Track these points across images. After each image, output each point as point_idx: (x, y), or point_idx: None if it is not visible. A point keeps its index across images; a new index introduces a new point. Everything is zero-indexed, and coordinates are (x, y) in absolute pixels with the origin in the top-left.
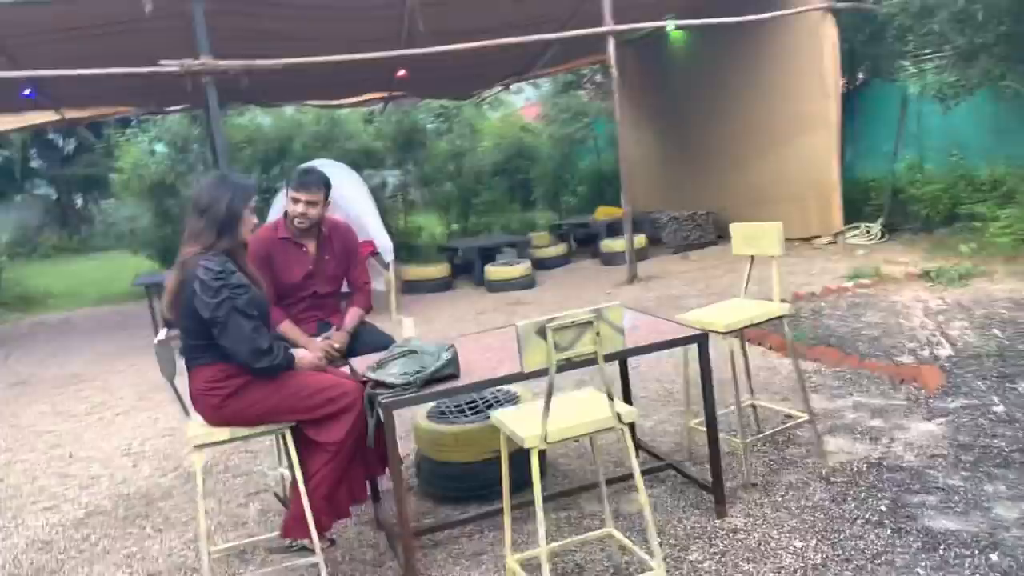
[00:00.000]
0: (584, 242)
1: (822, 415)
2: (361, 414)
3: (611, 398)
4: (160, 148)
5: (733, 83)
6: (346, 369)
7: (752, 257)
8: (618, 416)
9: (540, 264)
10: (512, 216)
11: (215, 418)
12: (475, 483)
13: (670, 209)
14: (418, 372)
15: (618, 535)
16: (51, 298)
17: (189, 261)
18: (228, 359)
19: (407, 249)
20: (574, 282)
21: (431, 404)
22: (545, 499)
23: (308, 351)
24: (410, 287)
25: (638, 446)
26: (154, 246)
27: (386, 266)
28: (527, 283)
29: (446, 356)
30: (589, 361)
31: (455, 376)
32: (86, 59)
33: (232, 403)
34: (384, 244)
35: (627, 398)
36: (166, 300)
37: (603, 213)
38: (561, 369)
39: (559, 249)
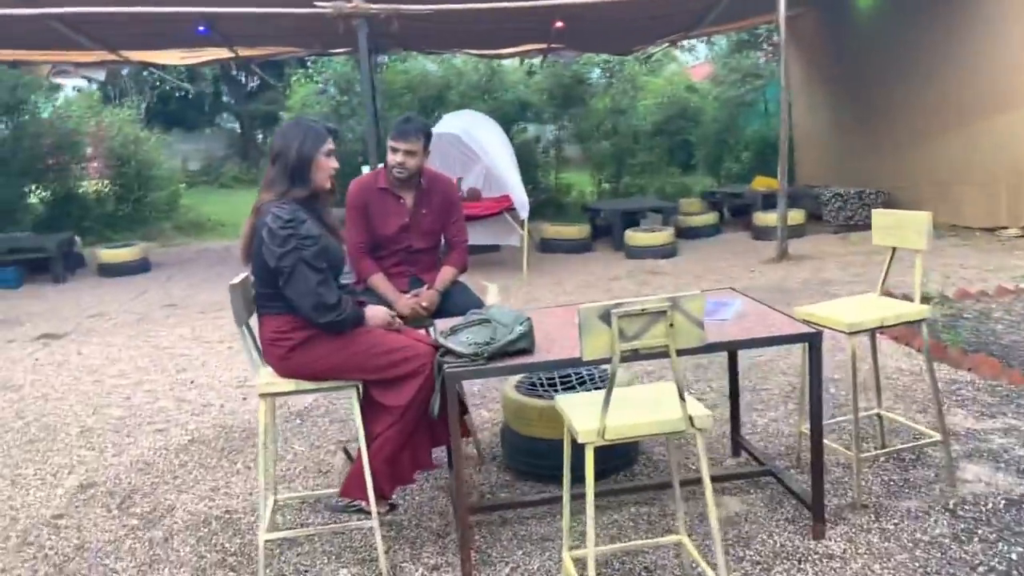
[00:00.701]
0: (738, 213)
1: (964, 436)
2: (430, 379)
3: (683, 398)
4: (331, 89)
5: (923, 50)
6: (425, 331)
7: (894, 249)
8: (690, 419)
9: (687, 233)
10: (668, 180)
11: (281, 368)
12: (558, 462)
13: (841, 184)
14: (488, 344)
15: (688, 544)
16: (221, 226)
17: (263, 208)
18: (295, 310)
19: (555, 206)
20: (718, 255)
21: (522, 374)
22: (628, 491)
23: (395, 304)
24: (548, 246)
25: (740, 446)
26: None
27: (521, 223)
28: (668, 251)
29: (520, 329)
30: (663, 353)
31: (528, 351)
32: None
33: (298, 355)
34: (521, 200)
35: (734, 392)
36: (241, 245)
37: (760, 183)
38: (626, 359)
39: (709, 218)
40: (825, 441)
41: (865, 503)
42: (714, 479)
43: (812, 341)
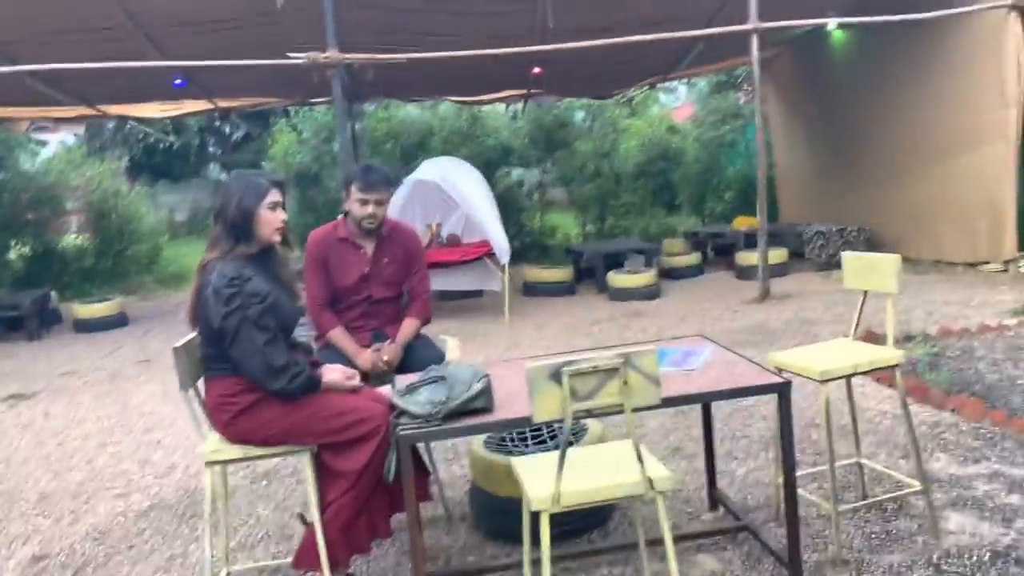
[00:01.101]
0: (722, 252)
1: (947, 482)
2: (385, 442)
3: (641, 460)
4: (308, 138)
5: (898, 88)
6: (385, 389)
7: (866, 292)
8: (650, 482)
9: (670, 274)
10: (652, 220)
11: (229, 434)
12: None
13: (821, 222)
14: (444, 403)
15: None
16: None
17: (208, 266)
18: (242, 373)
19: (539, 249)
20: (701, 295)
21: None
22: (599, 552)
23: (356, 359)
24: (531, 289)
25: (716, 500)
26: (295, 234)
27: (501, 268)
28: (651, 293)
29: (477, 387)
30: (620, 412)
31: (487, 409)
32: (226, 50)
33: (244, 420)
34: (501, 245)
35: (708, 444)
36: (188, 306)
37: (742, 222)
38: (580, 419)
39: (692, 259)
40: (803, 493)
41: (846, 558)
42: (688, 536)
43: (781, 391)
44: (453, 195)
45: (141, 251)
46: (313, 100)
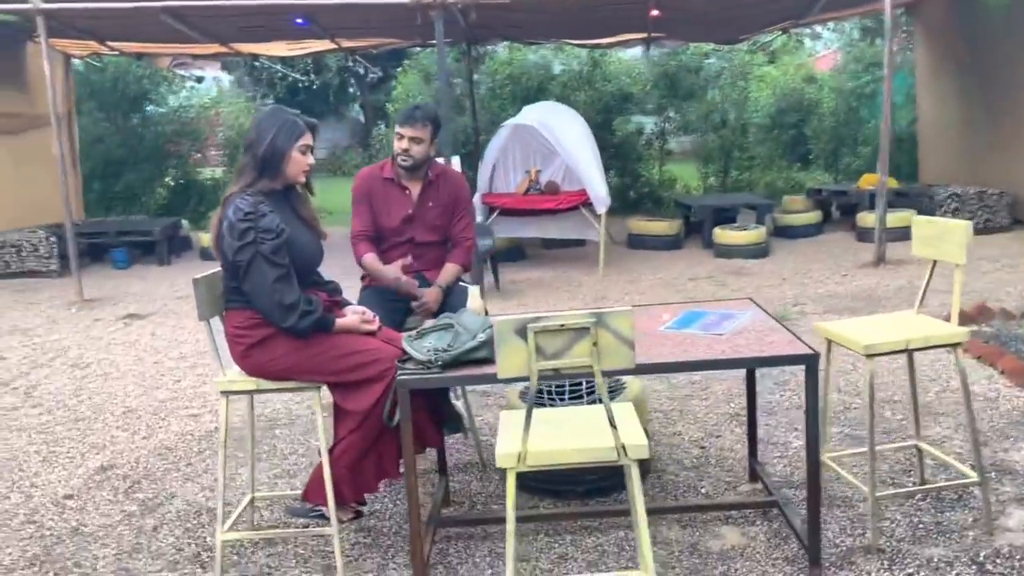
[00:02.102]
0: (848, 212)
1: (1021, 475)
2: (393, 384)
3: (614, 426)
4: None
5: None
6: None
7: (934, 262)
8: (623, 449)
9: (785, 232)
10: (780, 175)
11: (243, 365)
12: (556, 477)
13: (970, 183)
14: (445, 351)
15: None
16: (328, 214)
17: (229, 199)
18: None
19: (653, 201)
20: (812, 256)
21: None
22: (615, 514)
23: (389, 274)
24: (636, 241)
25: (753, 473)
26: None
27: (598, 218)
28: (758, 251)
29: (481, 338)
30: (592, 374)
31: (489, 360)
32: None
33: (256, 354)
34: (599, 194)
35: (751, 413)
36: (211, 237)
37: (869, 181)
38: (548, 379)
39: (810, 217)
40: (844, 474)
41: (882, 547)
42: (716, 507)
43: (809, 363)
44: (551, 141)
45: None
46: (432, 42)
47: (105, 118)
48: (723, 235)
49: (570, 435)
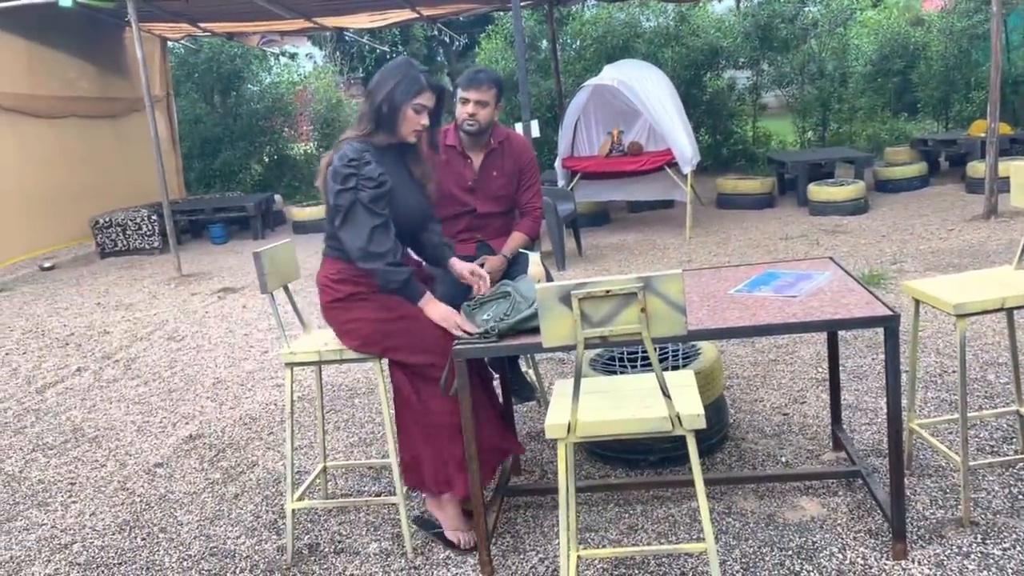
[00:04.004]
0: (957, 162)
1: None
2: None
3: (667, 395)
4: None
5: None
6: None
7: None
8: (678, 419)
9: (887, 186)
10: (884, 126)
11: (325, 316)
12: (631, 446)
13: None
14: (502, 320)
15: (713, 556)
16: None
17: (340, 144)
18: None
19: (747, 158)
20: (916, 211)
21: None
22: (686, 484)
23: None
24: (726, 201)
25: (837, 441)
26: None
27: (684, 177)
28: (856, 207)
29: (536, 307)
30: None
31: None
32: None
33: (337, 311)
34: (684, 154)
35: (833, 378)
36: (319, 181)
37: (979, 128)
38: (594, 347)
39: (914, 169)
40: (934, 442)
41: (975, 519)
42: (796, 476)
43: (888, 326)
44: (633, 100)
45: None
46: (511, 5)
47: (202, 98)
48: (818, 192)
49: (624, 405)
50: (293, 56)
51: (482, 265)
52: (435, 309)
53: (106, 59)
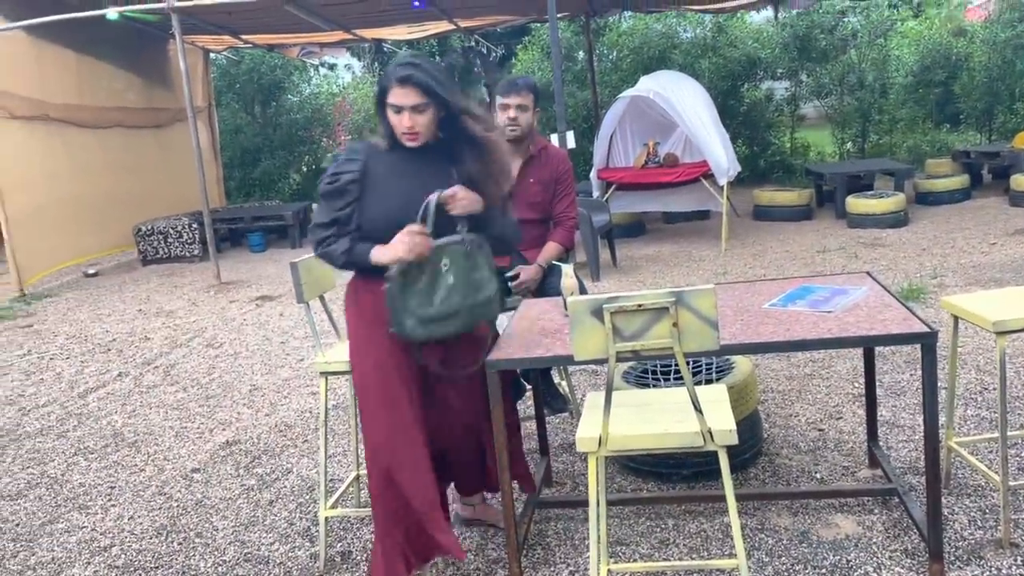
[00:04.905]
0: (1001, 175)
1: None
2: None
3: (699, 410)
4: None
5: None
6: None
7: None
8: (709, 434)
9: (927, 199)
10: (924, 138)
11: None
12: (657, 457)
13: None
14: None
15: (745, 573)
16: None
17: None
18: None
19: (784, 169)
20: (958, 224)
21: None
22: (717, 499)
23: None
24: (763, 213)
25: (873, 458)
26: None
27: (720, 189)
28: (895, 220)
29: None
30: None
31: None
32: None
33: (348, 310)
34: (720, 165)
35: (870, 394)
36: None
37: (1023, 140)
38: (624, 360)
39: (956, 181)
40: (973, 460)
41: (1015, 541)
42: (831, 493)
43: (925, 342)
44: (669, 111)
45: None
46: (547, 16)
47: (243, 109)
48: (856, 204)
49: (656, 419)
50: (332, 67)
51: (516, 276)
52: (384, 250)
53: (151, 70)
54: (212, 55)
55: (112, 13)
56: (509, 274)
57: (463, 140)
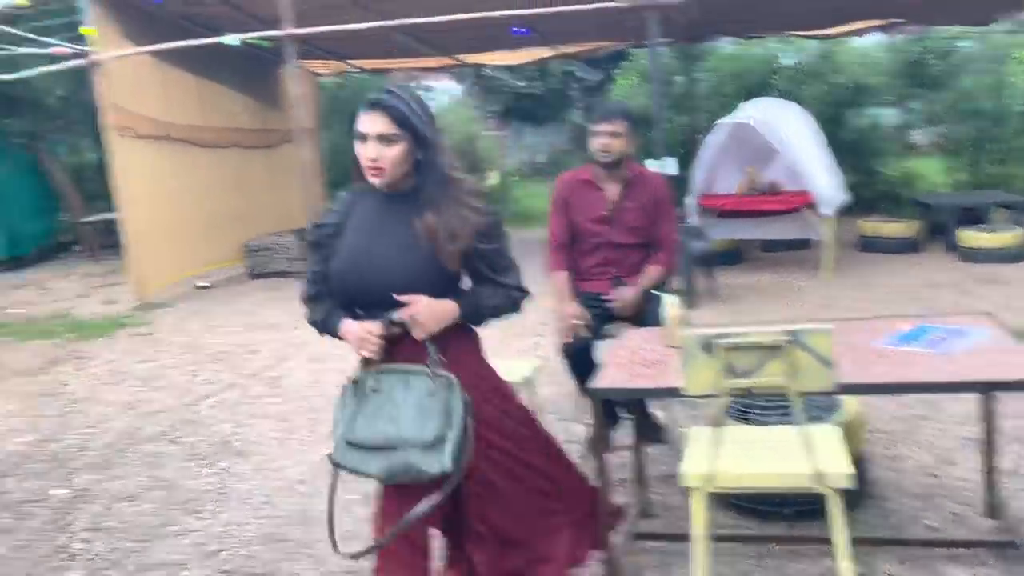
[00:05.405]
0: None
1: None
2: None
3: (812, 451)
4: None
5: None
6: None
7: None
8: (822, 476)
9: None
10: None
11: None
12: (758, 495)
13: None
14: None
15: None
16: (548, 217)
17: None
18: None
19: (892, 200)
20: None
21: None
22: (828, 541)
23: (559, 307)
24: (868, 244)
25: (991, 507)
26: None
27: (823, 219)
28: (1013, 255)
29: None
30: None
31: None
32: None
33: None
34: (824, 195)
35: (990, 439)
36: None
37: None
38: (738, 397)
39: None
40: None
41: None
42: (936, 543)
43: None
44: (771, 139)
45: (493, 190)
46: (648, 42)
47: (346, 130)
48: (969, 237)
49: (765, 457)
50: (429, 89)
51: (619, 298)
52: (345, 332)
53: (264, 93)
54: (320, 79)
55: (232, 39)
56: (607, 297)
57: (432, 181)
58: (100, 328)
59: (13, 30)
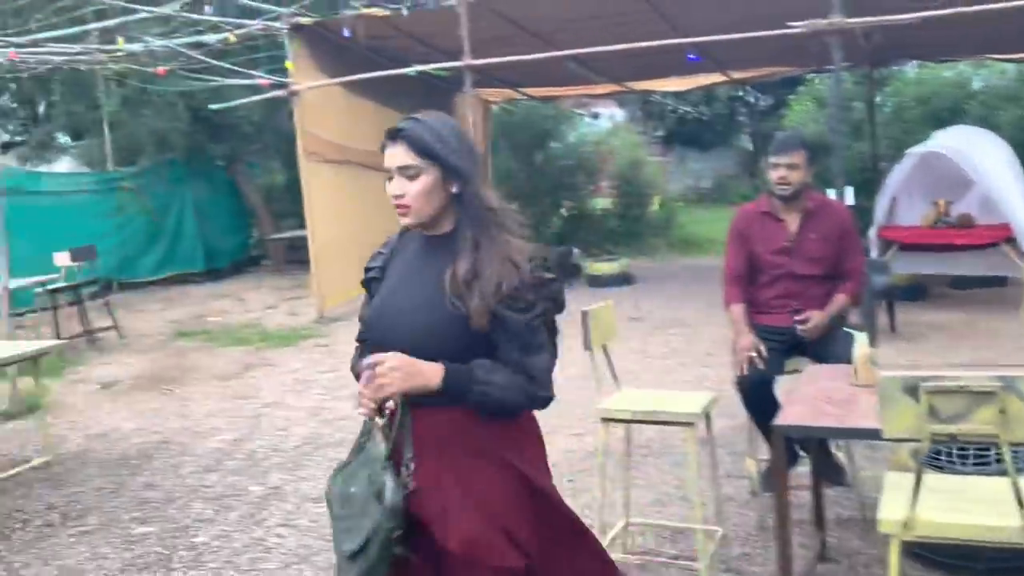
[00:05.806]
0: None
1: None
2: None
3: (1023, 506)
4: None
5: None
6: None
7: None
8: None
9: None
10: None
11: None
12: (946, 546)
13: None
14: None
15: None
16: (709, 243)
17: None
18: None
19: None
20: None
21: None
22: None
23: (737, 339)
24: None
25: None
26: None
27: (1023, 255)
28: None
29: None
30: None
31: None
32: (735, 24)
33: None
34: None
35: None
36: None
37: None
38: (942, 443)
39: None
40: None
41: None
42: None
43: None
44: (967, 169)
45: (658, 215)
46: (828, 67)
47: (514, 156)
48: None
49: (967, 507)
50: (596, 115)
51: (806, 320)
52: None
53: None
54: (491, 105)
55: (414, 70)
56: (798, 318)
57: (469, 220)
58: (286, 338)
59: (221, 63)
